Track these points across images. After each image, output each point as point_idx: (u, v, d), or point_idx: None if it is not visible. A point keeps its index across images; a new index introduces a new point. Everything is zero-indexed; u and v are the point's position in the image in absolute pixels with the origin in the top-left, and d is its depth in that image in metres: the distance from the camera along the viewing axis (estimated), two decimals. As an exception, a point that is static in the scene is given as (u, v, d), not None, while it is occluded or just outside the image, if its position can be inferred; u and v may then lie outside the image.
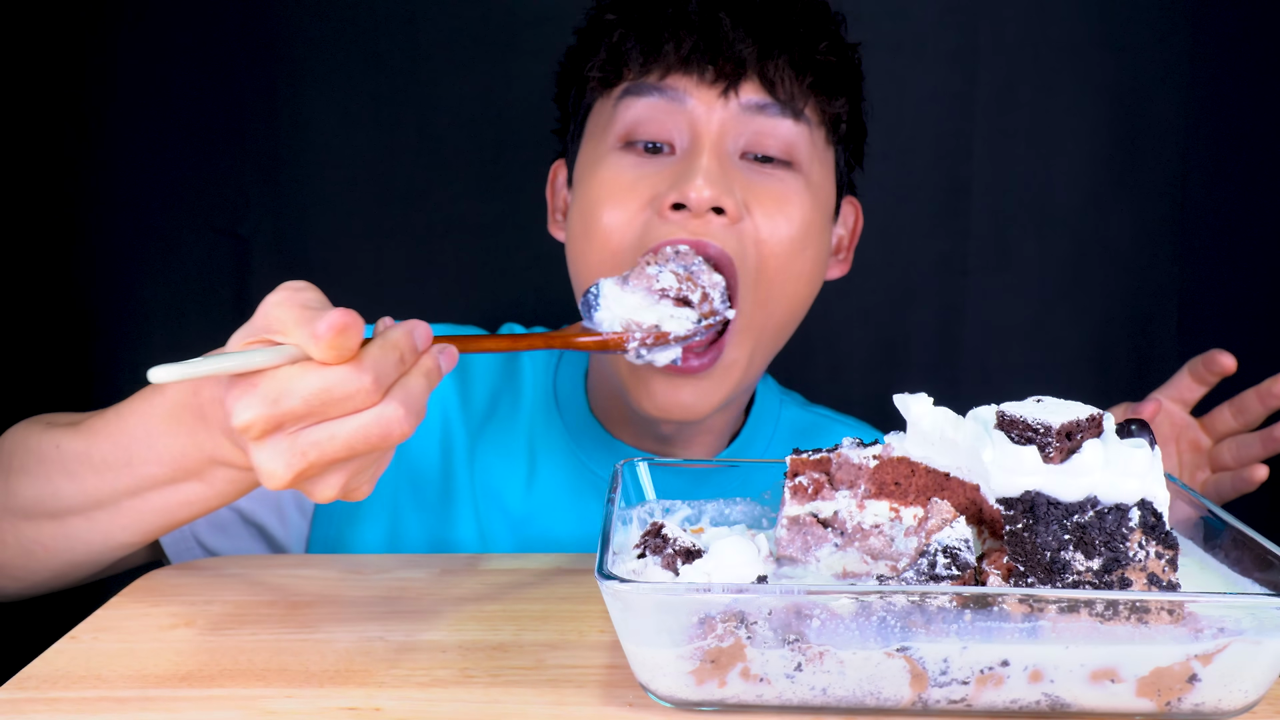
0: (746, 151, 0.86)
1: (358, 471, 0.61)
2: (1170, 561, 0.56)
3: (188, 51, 1.39)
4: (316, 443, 0.58)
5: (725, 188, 0.82)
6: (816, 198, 0.88)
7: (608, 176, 0.86)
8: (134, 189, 1.41)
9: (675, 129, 0.85)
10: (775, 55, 0.84)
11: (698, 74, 0.84)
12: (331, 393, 0.57)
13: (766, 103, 0.85)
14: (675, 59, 0.84)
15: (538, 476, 0.97)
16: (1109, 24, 1.39)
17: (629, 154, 0.86)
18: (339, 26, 1.39)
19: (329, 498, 0.61)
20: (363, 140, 1.41)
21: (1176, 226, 1.43)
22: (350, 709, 0.58)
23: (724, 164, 0.84)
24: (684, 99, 0.84)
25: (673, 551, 0.62)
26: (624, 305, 0.80)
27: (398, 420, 0.59)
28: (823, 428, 1.06)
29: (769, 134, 0.85)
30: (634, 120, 0.86)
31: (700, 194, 0.81)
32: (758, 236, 0.85)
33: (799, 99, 0.85)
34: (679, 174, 0.83)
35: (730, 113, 0.84)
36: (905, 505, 0.64)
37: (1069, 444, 0.57)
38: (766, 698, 0.56)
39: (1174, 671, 0.54)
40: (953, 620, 0.53)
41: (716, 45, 0.83)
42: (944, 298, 1.46)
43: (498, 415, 1.00)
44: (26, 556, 0.79)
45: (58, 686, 0.61)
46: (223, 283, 1.42)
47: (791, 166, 0.87)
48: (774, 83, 0.84)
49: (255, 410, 0.57)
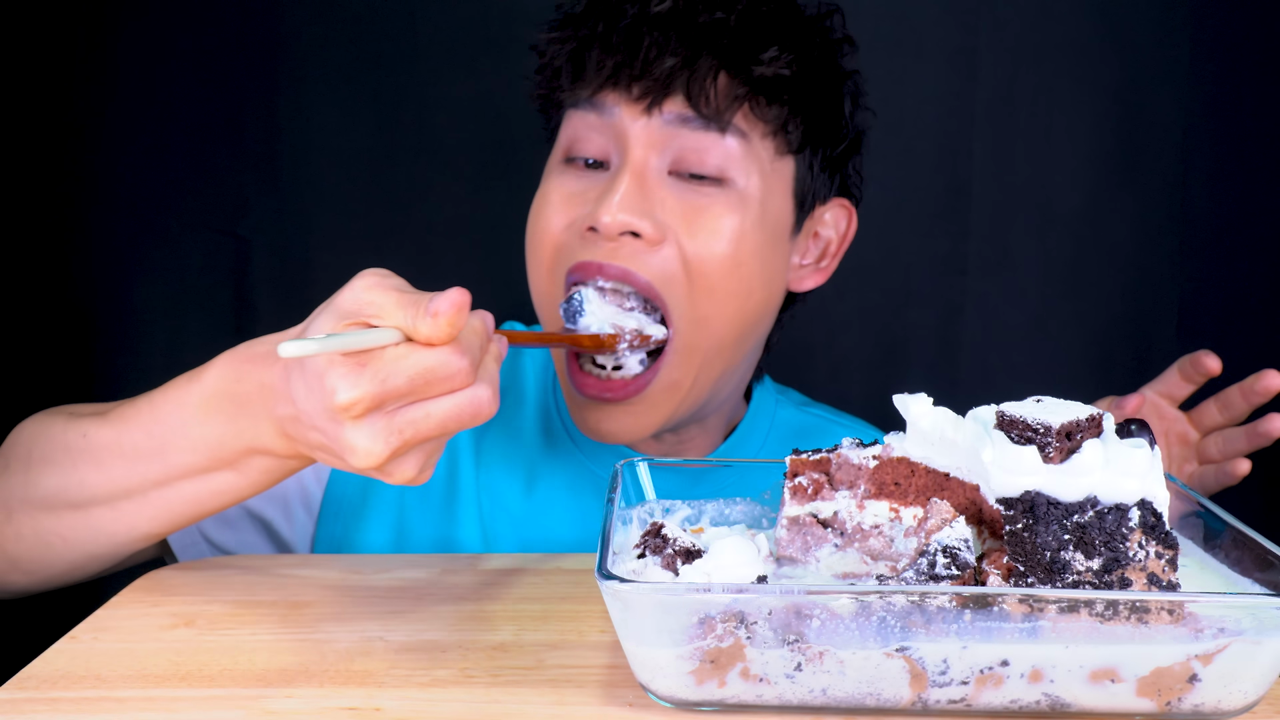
0: (676, 169, 0.85)
1: (435, 453, 0.64)
2: (1170, 561, 0.56)
3: (187, 52, 1.39)
4: (413, 421, 0.61)
5: (641, 210, 0.82)
6: (754, 213, 0.86)
7: (547, 190, 0.88)
8: (133, 189, 1.41)
9: (609, 145, 0.85)
10: (701, 68, 0.82)
11: (625, 89, 0.83)
12: (435, 373, 0.60)
13: (689, 116, 0.83)
14: (603, 75, 0.84)
15: (539, 477, 0.97)
16: (1109, 24, 1.39)
17: (570, 169, 0.87)
18: (339, 26, 1.39)
19: (407, 479, 0.63)
20: (363, 140, 1.41)
21: (1176, 226, 1.43)
22: (350, 709, 0.58)
23: (645, 185, 0.83)
24: (613, 112, 0.84)
25: (673, 551, 0.62)
26: (606, 312, 0.84)
27: (487, 400, 0.62)
28: (819, 428, 1.06)
29: (696, 149, 0.84)
30: (573, 136, 0.87)
31: (613, 218, 0.81)
32: (684, 256, 0.84)
33: (727, 112, 0.83)
34: (602, 194, 0.84)
35: (655, 127, 0.83)
36: (905, 505, 0.64)
37: (1069, 444, 0.57)
38: (766, 698, 0.56)
39: (1174, 671, 0.54)
40: (952, 620, 0.53)
41: (639, 60, 0.82)
42: (944, 298, 1.46)
43: (502, 416, 1.00)
44: (44, 549, 0.78)
45: (58, 686, 0.61)
46: (222, 283, 1.42)
47: (723, 183, 0.85)
48: (698, 97, 0.82)
49: (362, 389, 0.59)
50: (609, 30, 0.84)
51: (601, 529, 0.62)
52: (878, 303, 1.46)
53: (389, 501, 0.96)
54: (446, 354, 0.60)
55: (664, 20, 0.83)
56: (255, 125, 1.40)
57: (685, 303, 0.85)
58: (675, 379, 0.86)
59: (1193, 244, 1.42)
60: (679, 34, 0.83)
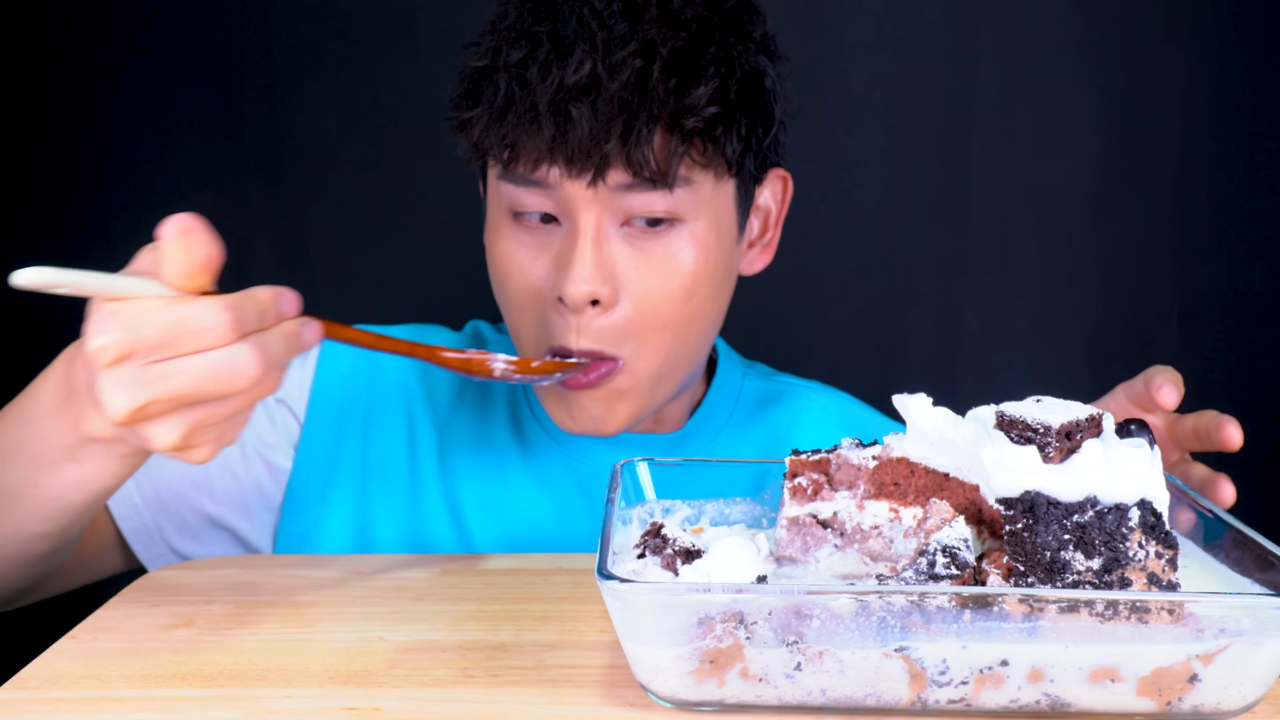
0: (627, 221, 0.84)
1: (202, 424, 0.61)
2: (1170, 561, 0.56)
3: (188, 51, 1.39)
4: (165, 375, 0.58)
5: (601, 277, 0.82)
6: (704, 239, 0.86)
7: (507, 249, 0.86)
8: (133, 189, 1.41)
9: (556, 208, 0.84)
10: (637, 138, 0.80)
11: (563, 166, 0.81)
12: (188, 325, 0.58)
13: (634, 183, 0.82)
14: (537, 154, 0.81)
15: (508, 465, 0.98)
16: (1109, 24, 1.39)
17: (521, 224, 0.86)
18: (339, 26, 1.39)
19: (167, 445, 0.61)
20: (363, 140, 1.41)
21: (1176, 226, 1.43)
22: (350, 709, 0.58)
23: (601, 247, 0.83)
24: (555, 186, 0.83)
25: (672, 551, 0.62)
26: None
27: (249, 364, 0.59)
28: (787, 394, 1.05)
29: (645, 206, 0.83)
30: (516, 200, 0.85)
31: (578, 289, 0.81)
32: (639, 309, 0.84)
33: (672, 170, 0.82)
34: (562, 260, 0.83)
35: (602, 196, 0.82)
36: (905, 506, 0.64)
37: (1068, 444, 0.57)
38: (766, 698, 0.56)
39: (1175, 671, 0.54)
40: (952, 620, 0.53)
41: (571, 140, 0.80)
42: (944, 298, 1.46)
43: (464, 407, 1.00)
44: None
45: (58, 686, 0.61)
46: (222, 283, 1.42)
47: (674, 222, 0.84)
48: (640, 165, 0.80)
49: (112, 335, 0.57)
50: (532, 108, 0.80)
51: (601, 529, 0.62)
52: (877, 303, 1.46)
53: (348, 497, 0.96)
54: (206, 307, 0.58)
55: (586, 89, 0.80)
56: (255, 125, 1.40)
57: (636, 339, 0.85)
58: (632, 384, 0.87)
59: (1193, 244, 1.42)
60: (604, 103, 0.79)
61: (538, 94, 0.80)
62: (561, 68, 0.80)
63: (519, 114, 0.81)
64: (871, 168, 1.46)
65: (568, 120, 0.80)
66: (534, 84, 0.80)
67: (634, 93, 0.80)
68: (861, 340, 1.47)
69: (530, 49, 0.81)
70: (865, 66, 1.45)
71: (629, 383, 0.86)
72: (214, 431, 0.62)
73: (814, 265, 1.45)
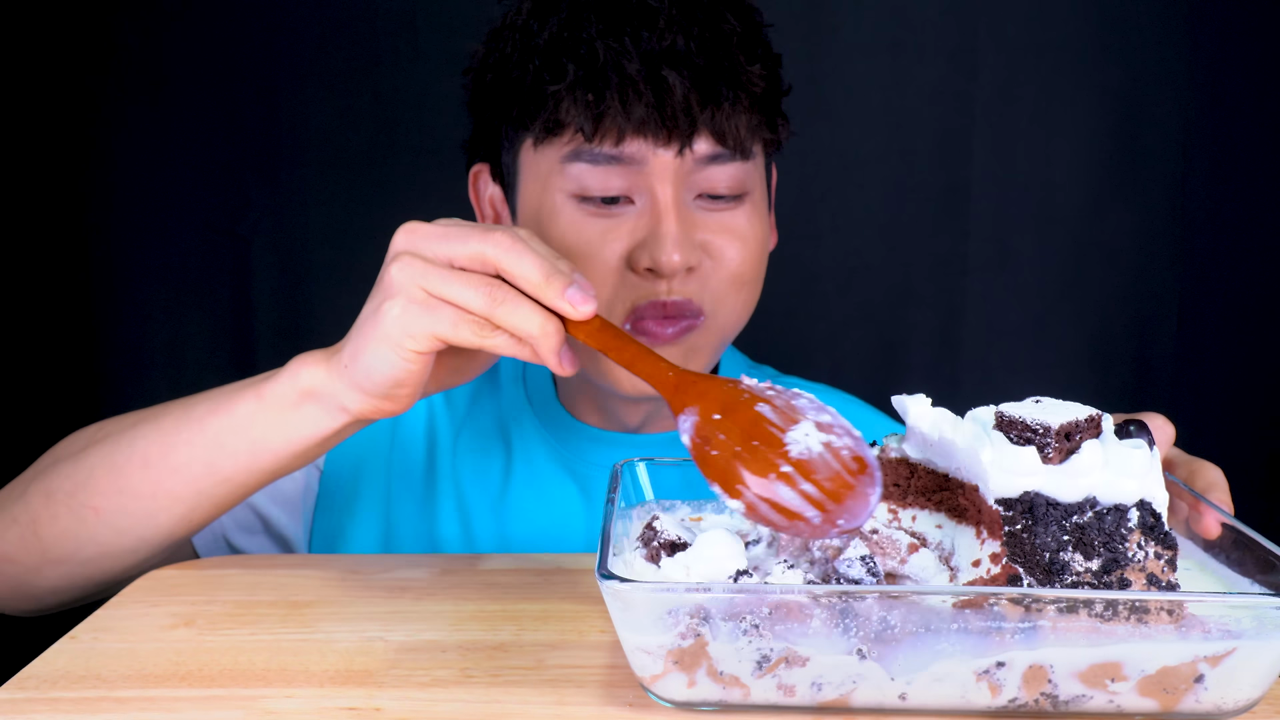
0: (700, 194, 0.86)
1: (435, 327, 0.67)
2: (1169, 562, 0.56)
3: (188, 51, 1.39)
4: (445, 279, 0.68)
5: (690, 246, 0.85)
6: (762, 209, 0.91)
7: (569, 232, 0.86)
8: (134, 189, 1.41)
9: (631, 187, 0.84)
10: (724, 106, 0.83)
11: (652, 137, 0.82)
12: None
13: (719, 153, 0.85)
14: (627, 125, 0.82)
15: (514, 468, 0.98)
16: (1109, 24, 1.39)
17: (585, 206, 0.85)
18: (339, 26, 1.39)
19: (394, 318, 0.68)
20: (363, 140, 1.41)
21: (1176, 227, 1.43)
22: (350, 709, 0.58)
23: (685, 221, 0.85)
24: (636, 161, 0.83)
25: (658, 544, 0.62)
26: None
27: (525, 243, 0.67)
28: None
29: (720, 179, 0.86)
30: (587, 181, 0.84)
31: (671, 259, 0.83)
32: (717, 272, 0.87)
33: (749, 140, 0.86)
34: (647, 234, 0.84)
35: (685, 167, 0.84)
36: (904, 507, 0.64)
37: (1068, 444, 0.57)
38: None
39: (1175, 672, 0.54)
40: (953, 620, 0.53)
41: (667, 108, 0.81)
42: (944, 298, 1.46)
43: (477, 409, 1.01)
44: (77, 524, 0.79)
45: (58, 686, 0.61)
46: (222, 283, 1.43)
47: (741, 198, 0.88)
48: (725, 133, 0.84)
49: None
50: (624, 76, 0.81)
51: (601, 529, 0.62)
52: (877, 303, 1.46)
53: (377, 497, 0.97)
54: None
55: (678, 58, 0.82)
56: (255, 125, 1.40)
57: (714, 304, 0.88)
58: (702, 342, 0.90)
59: (1193, 244, 1.42)
60: (692, 71, 0.82)
61: (630, 62, 0.82)
62: (651, 38, 0.82)
63: (610, 81, 0.82)
64: (871, 168, 1.46)
65: (664, 87, 0.81)
66: (628, 51, 0.82)
67: (719, 62, 0.83)
68: (861, 340, 1.47)
69: (611, 20, 0.83)
70: (865, 66, 1.44)
71: (704, 339, 0.89)
72: (480, 360, 0.76)
73: (814, 265, 1.45)
